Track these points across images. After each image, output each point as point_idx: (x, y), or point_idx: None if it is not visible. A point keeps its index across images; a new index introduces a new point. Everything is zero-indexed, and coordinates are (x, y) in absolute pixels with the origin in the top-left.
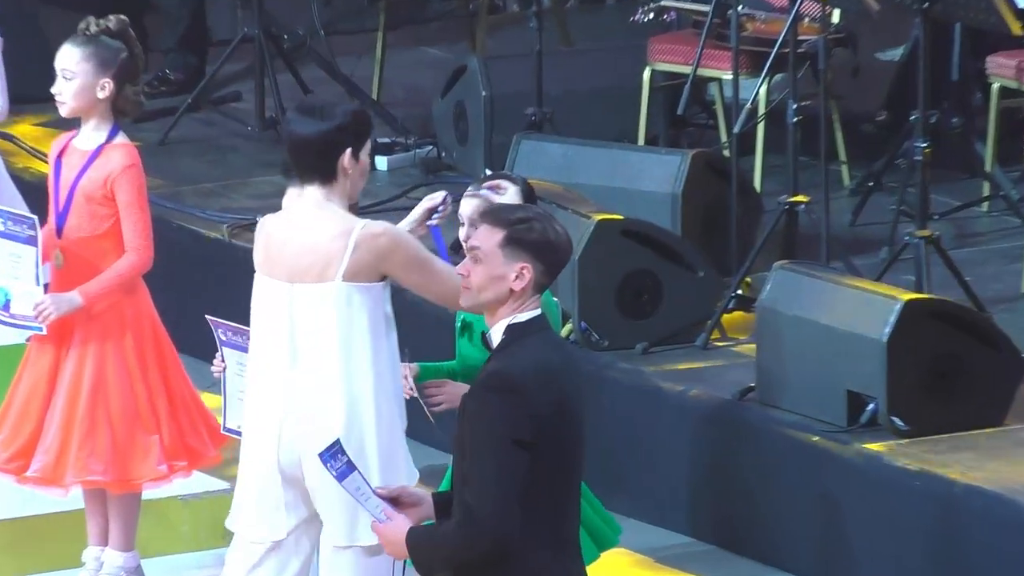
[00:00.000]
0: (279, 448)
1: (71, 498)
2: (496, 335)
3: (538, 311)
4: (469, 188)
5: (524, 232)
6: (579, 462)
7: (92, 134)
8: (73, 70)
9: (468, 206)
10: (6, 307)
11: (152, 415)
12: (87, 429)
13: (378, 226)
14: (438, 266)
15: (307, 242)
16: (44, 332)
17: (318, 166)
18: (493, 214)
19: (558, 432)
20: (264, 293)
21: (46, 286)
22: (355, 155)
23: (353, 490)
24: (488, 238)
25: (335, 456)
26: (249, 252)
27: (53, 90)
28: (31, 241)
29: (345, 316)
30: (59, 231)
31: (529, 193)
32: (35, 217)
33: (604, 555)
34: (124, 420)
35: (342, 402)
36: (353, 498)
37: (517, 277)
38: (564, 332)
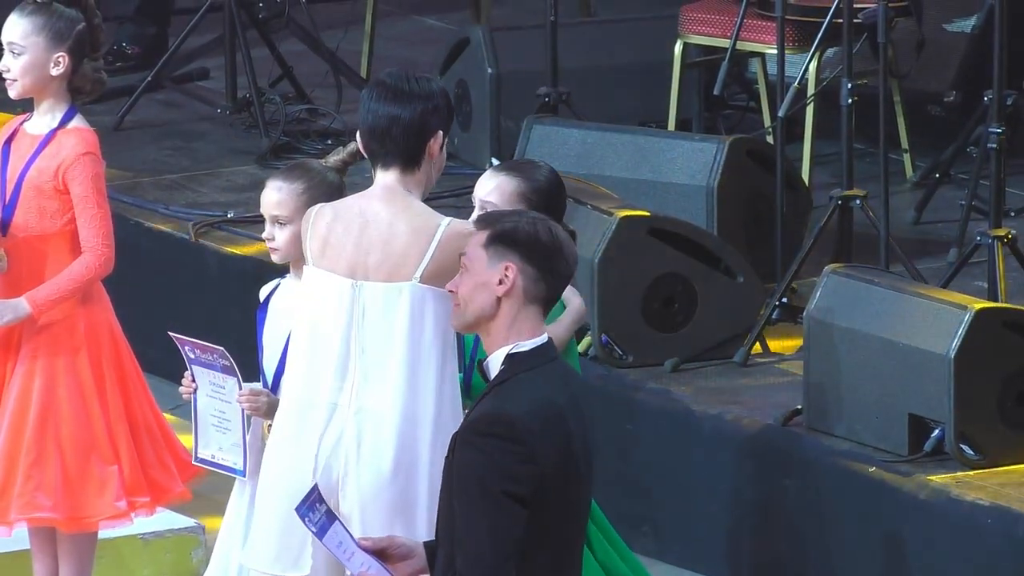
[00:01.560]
0: (316, 470)
1: (15, 537)
2: (495, 365)
3: (543, 339)
4: (490, 167)
5: (510, 230)
6: (584, 514)
7: (45, 117)
8: (22, 44)
9: (483, 188)
10: None
11: (110, 443)
12: (34, 459)
13: (467, 225)
14: None
15: (379, 235)
16: None
17: (405, 149)
18: (481, 218)
19: (562, 485)
20: (320, 288)
21: None
22: (444, 139)
23: (334, 546)
24: (474, 243)
25: (312, 508)
26: (218, 254)
27: None
28: None
29: (417, 324)
30: (4, 228)
31: (549, 188)
32: None
33: None
34: (77, 449)
35: (396, 423)
36: (334, 555)
37: (501, 281)
38: (582, 346)
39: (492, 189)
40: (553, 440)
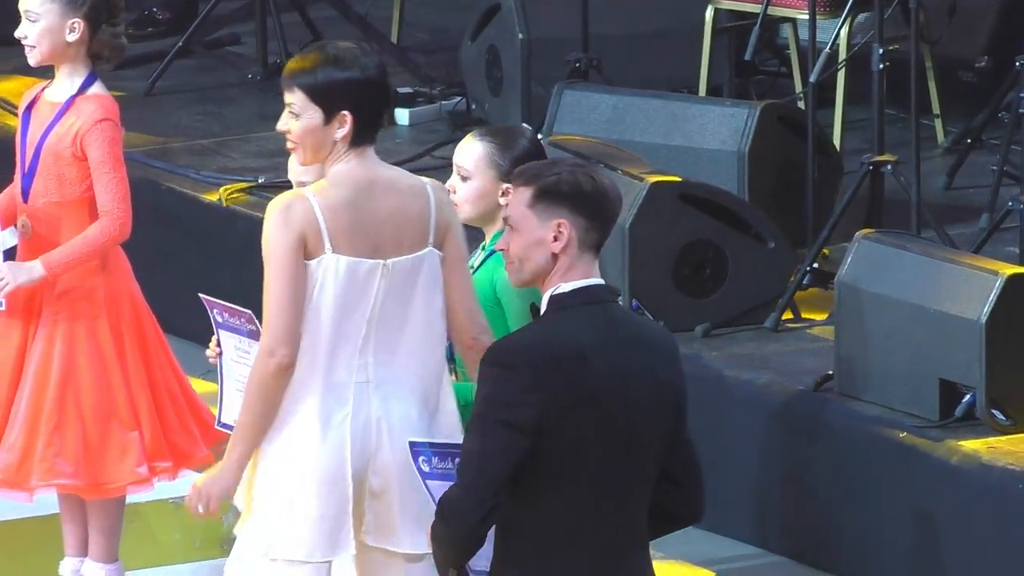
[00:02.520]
0: (350, 450)
1: (46, 502)
2: (544, 307)
3: (591, 280)
4: (471, 133)
5: (553, 184)
6: (618, 458)
7: (64, 84)
8: (37, 11)
9: (463, 154)
10: None
11: (130, 409)
12: (55, 425)
13: (437, 182)
14: None
15: (395, 205)
16: (2, 307)
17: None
18: (519, 174)
19: (574, 421)
20: (338, 276)
21: (10, 253)
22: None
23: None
24: (517, 201)
25: (428, 454)
26: (249, 219)
27: (17, 34)
28: None
29: (432, 289)
30: (25, 195)
31: (527, 157)
32: None
33: (659, 568)
34: (97, 415)
35: (419, 391)
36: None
37: (556, 237)
38: None
39: (470, 154)
40: (564, 375)
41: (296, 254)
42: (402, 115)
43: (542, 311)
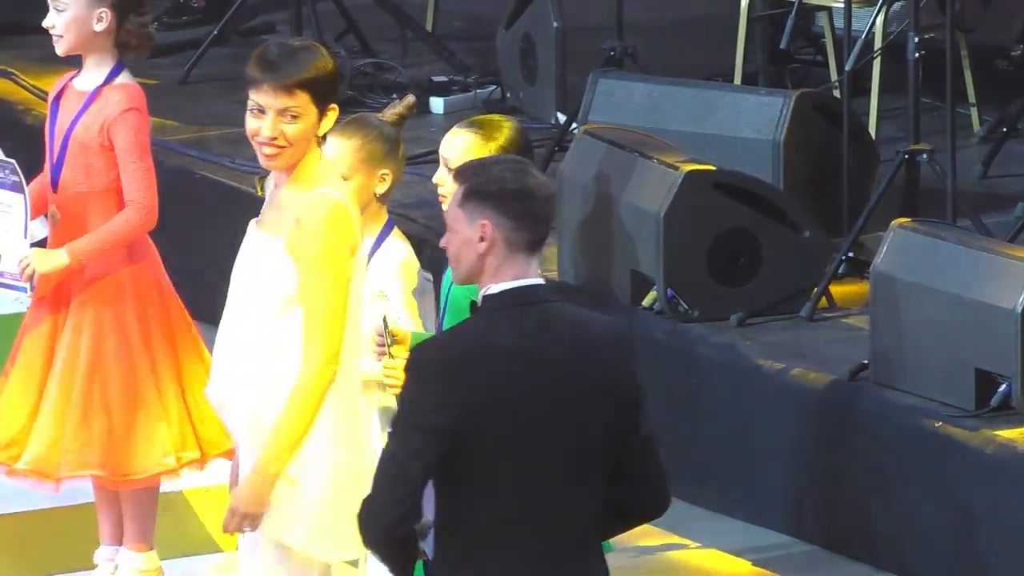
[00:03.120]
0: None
1: (82, 491)
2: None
3: (524, 280)
4: (457, 125)
5: (480, 184)
6: (545, 463)
7: (91, 73)
8: (64, 1)
9: (449, 145)
10: None
11: (157, 399)
12: (81, 416)
13: None
14: None
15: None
16: (28, 293)
17: None
18: (456, 173)
19: (490, 423)
20: (360, 275)
21: (40, 244)
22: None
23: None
24: (452, 201)
25: None
26: None
27: (45, 24)
28: (17, 188)
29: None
30: (55, 184)
31: (510, 147)
32: (13, 161)
33: (694, 556)
34: (124, 405)
35: None
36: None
37: (482, 237)
38: (647, 301)
39: (456, 146)
40: (481, 378)
41: (350, 261)
42: (436, 103)
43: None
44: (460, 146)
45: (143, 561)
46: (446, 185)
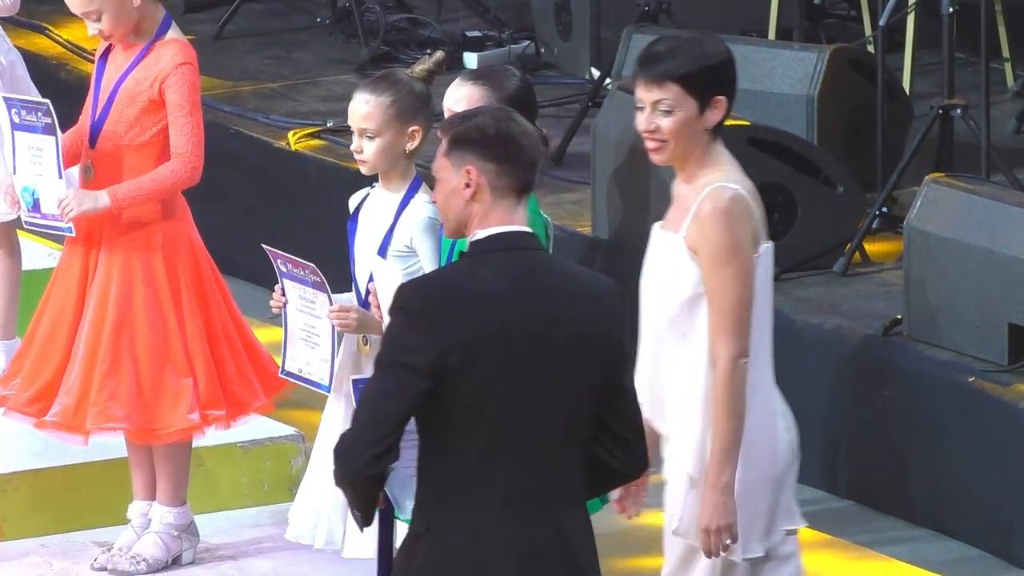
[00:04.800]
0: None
1: (115, 446)
2: None
3: (511, 227)
4: (460, 77)
5: (462, 132)
6: (527, 409)
7: (141, 27)
8: None
9: (452, 97)
10: (35, 207)
11: (185, 355)
12: (108, 369)
13: None
14: None
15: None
16: (72, 232)
17: None
18: (443, 123)
19: (479, 367)
20: (770, 263)
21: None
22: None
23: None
24: (437, 152)
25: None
26: (317, 163)
27: None
28: (49, 130)
29: None
30: (93, 139)
31: (517, 96)
32: (47, 101)
33: None
34: (151, 361)
35: None
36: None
37: (466, 184)
38: None
39: (461, 98)
40: (467, 320)
41: (751, 253)
42: (471, 59)
43: None
44: (471, 98)
45: (176, 516)
46: None
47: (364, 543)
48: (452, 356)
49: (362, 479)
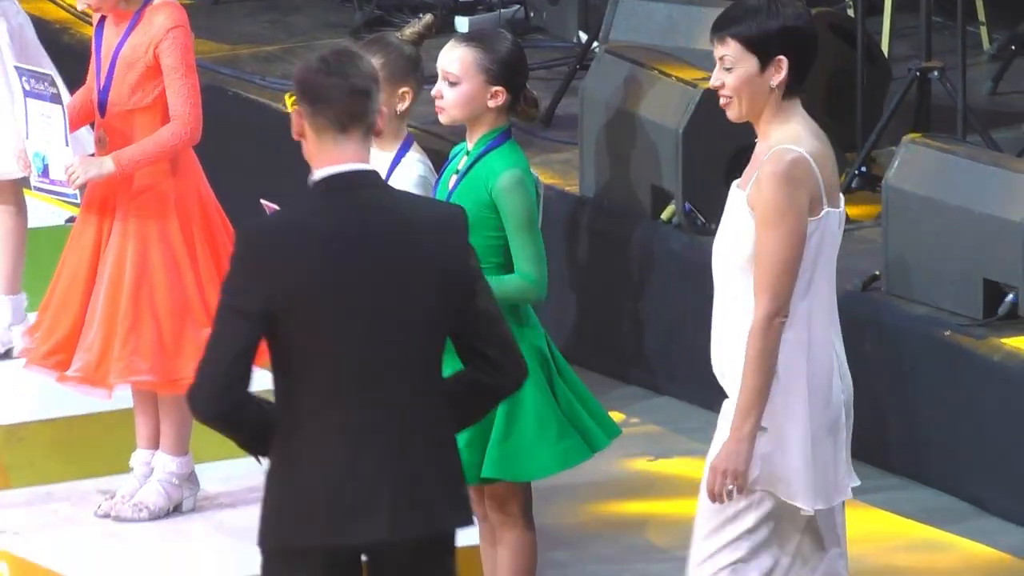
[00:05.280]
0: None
1: (119, 396)
2: None
3: (341, 166)
4: (454, 39)
5: (294, 77)
6: (364, 344)
7: None
8: None
9: (450, 59)
10: (45, 173)
11: (203, 307)
12: (130, 324)
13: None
14: None
15: (830, 155)
16: (77, 200)
17: None
18: None
19: (310, 306)
20: (832, 230)
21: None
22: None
23: None
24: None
25: None
26: None
27: None
28: (56, 99)
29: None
30: (102, 106)
31: (509, 59)
32: (52, 72)
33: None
34: (171, 314)
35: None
36: None
37: (299, 131)
38: (666, 215)
39: (454, 60)
40: (295, 262)
41: (805, 216)
42: (462, 23)
43: None
44: (466, 60)
45: (179, 465)
46: (448, 97)
47: None
48: (279, 301)
49: (215, 415)
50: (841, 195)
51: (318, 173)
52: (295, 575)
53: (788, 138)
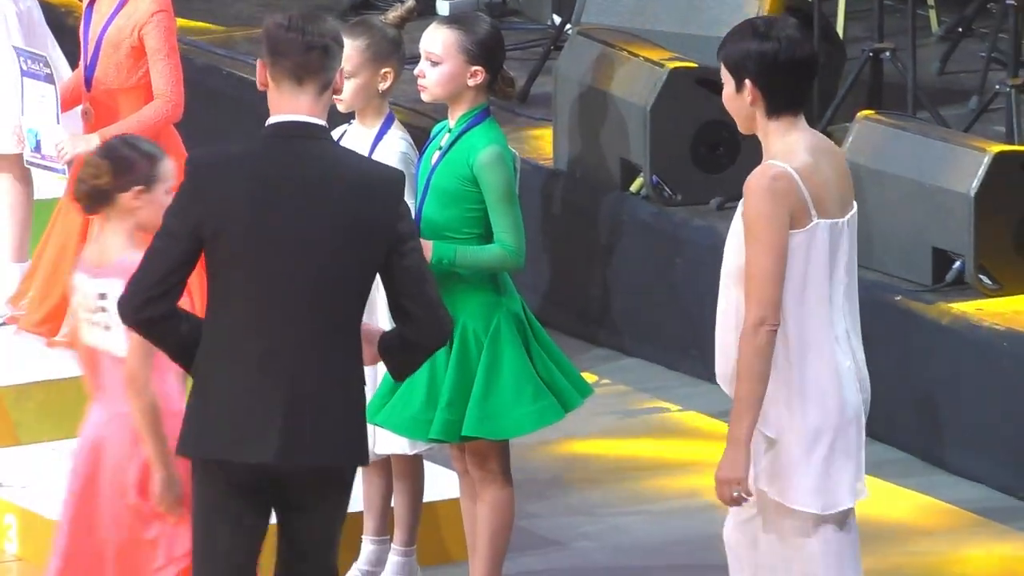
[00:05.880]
0: (860, 395)
1: None
2: None
3: (286, 116)
4: (436, 21)
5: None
6: (283, 284)
7: None
8: None
9: (432, 39)
10: (37, 148)
11: (192, 278)
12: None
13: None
14: None
15: (835, 166)
16: (66, 174)
17: None
18: None
19: (232, 238)
20: (823, 239)
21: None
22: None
23: None
24: None
25: None
26: None
27: None
28: (49, 79)
29: (855, 247)
30: (88, 84)
31: (488, 40)
32: (45, 55)
33: (676, 418)
34: None
35: (860, 339)
36: None
37: (263, 81)
38: (635, 187)
39: (436, 40)
40: (224, 194)
41: (785, 228)
42: (442, 7)
43: None
44: (448, 41)
45: None
46: (430, 77)
47: (395, 440)
48: (207, 227)
49: (137, 322)
50: (849, 204)
51: (270, 119)
52: (205, 486)
53: (780, 153)
